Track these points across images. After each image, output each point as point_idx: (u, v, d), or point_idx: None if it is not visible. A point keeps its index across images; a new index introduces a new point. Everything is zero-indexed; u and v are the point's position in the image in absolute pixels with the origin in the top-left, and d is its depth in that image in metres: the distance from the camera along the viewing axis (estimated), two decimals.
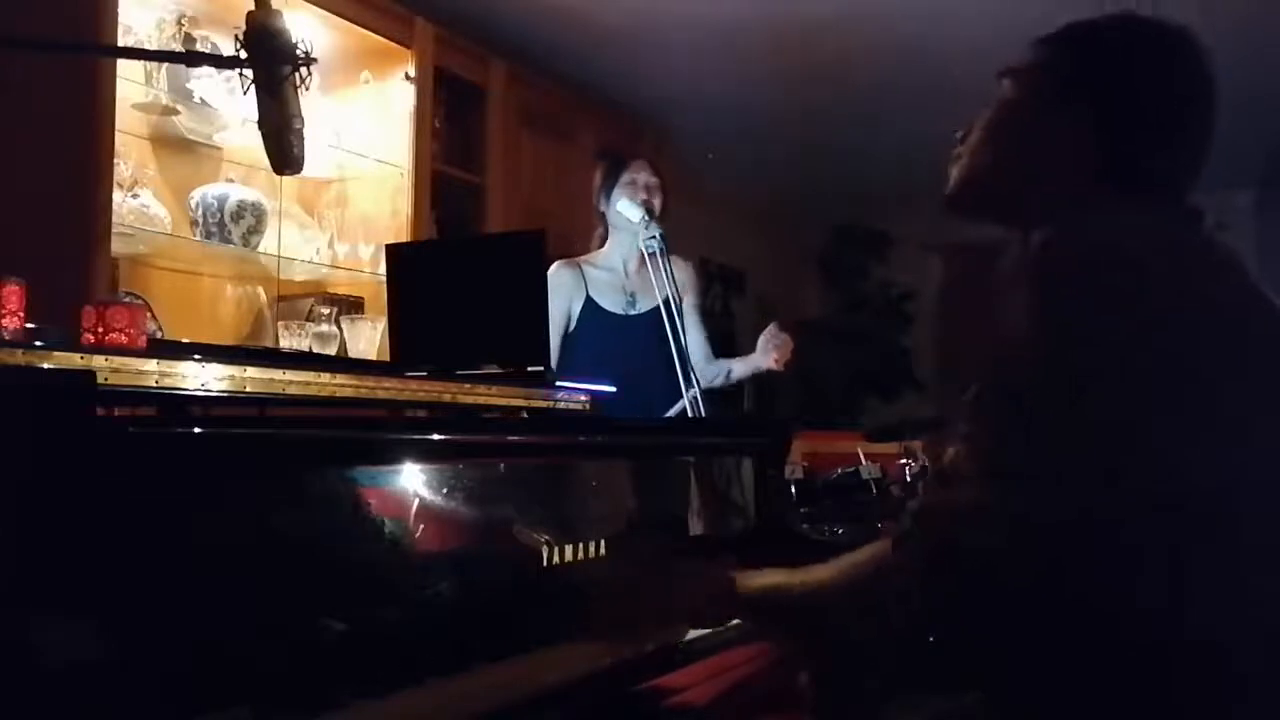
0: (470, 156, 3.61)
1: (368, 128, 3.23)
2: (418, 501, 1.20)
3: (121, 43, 2.48)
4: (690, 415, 2.44)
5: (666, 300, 2.54)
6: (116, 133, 2.47)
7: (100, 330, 1.27)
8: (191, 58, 2.05)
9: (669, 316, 2.51)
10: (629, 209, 2.66)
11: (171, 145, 2.87)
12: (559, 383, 1.80)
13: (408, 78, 3.25)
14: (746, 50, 4.00)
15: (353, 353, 3.04)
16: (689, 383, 2.44)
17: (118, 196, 2.52)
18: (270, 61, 1.25)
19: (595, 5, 3.64)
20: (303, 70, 1.27)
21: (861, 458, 2.73)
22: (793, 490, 2.47)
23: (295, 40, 1.26)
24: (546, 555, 1.35)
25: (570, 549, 1.38)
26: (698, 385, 2.44)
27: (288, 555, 1.05)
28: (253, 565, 1.00)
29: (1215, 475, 0.95)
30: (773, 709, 1.47)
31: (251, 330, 3.10)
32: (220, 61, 1.32)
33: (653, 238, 2.58)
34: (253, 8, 1.26)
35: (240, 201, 2.84)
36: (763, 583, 1.18)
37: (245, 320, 3.10)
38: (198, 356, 1.28)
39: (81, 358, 1.18)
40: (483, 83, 3.59)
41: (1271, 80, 4.15)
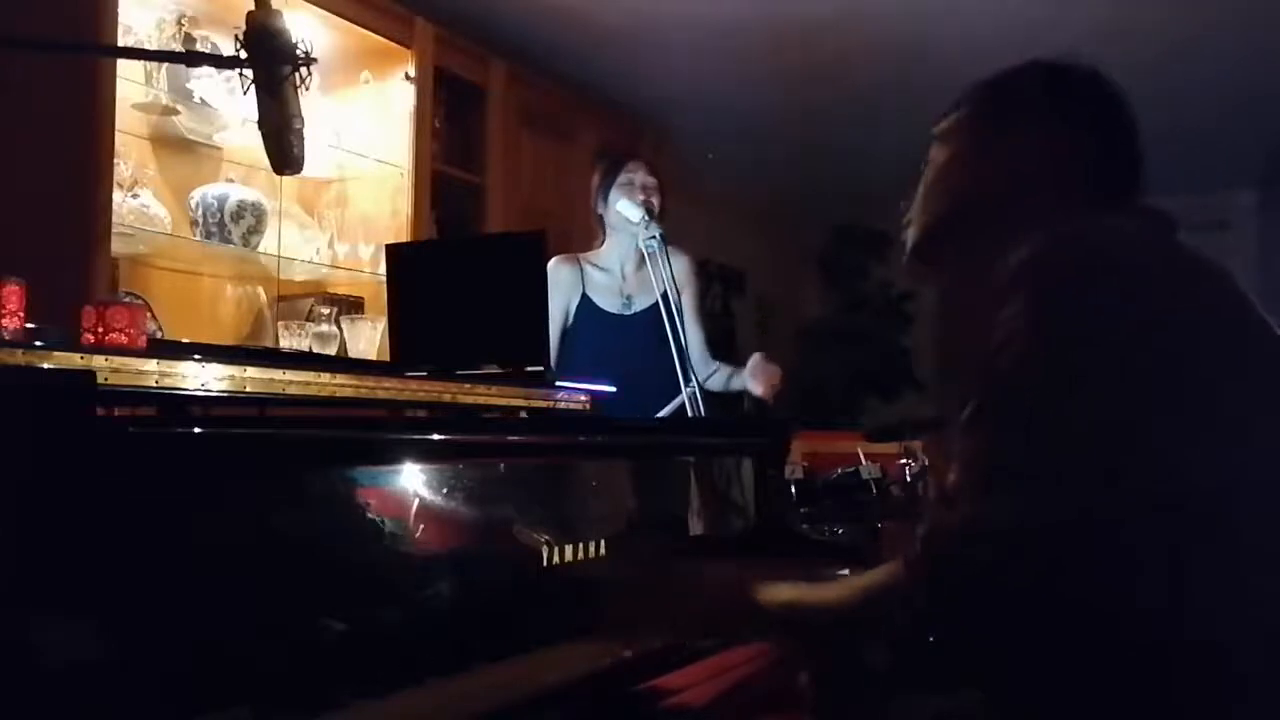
0: (470, 156, 3.60)
1: (368, 128, 3.23)
2: (418, 502, 1.20)
3: (121, 43, 2.48)
4: (689, 412, 2.43)
5: (664, 295, 2.53)
6: (116, 133, 2.47)
7: (100, 330, 1.27)
8: (191, 58, 2.06)
9: (667, 312, 2.49)
10: (629, 209, 2.65)
11: (171, 145, 2.87)
12: (559, 383, 1.80)
13: (408, 78, 3.25)
14: (746, 50, 4.00)
15: (353, 353, 3.04)
16: (687, 378, 2.42)
17: (118, 196, 2.52)
18: (270, 61, 1.25)
19: (595, 5, 3.64)
20: (303, 70, 1.27)
21: (861, 458, 2.72)
22: (793, 490, 2.47)
23: (295, 40, 1.27)
24: (546, 555, 1.36)
25: (570, 549, 1.39)
26: (696, 381, 2.42)
27: (288, 555, 1.05)
28: (253, 565, 1.00)
29: (1215, 475, 0.95)
30: (773, 709, 1.47)
31: (251, 330, 3.10)
32: (220, 61, 1.32)
33: (653, 238, 2.58)
34: (253, 8, 1.26)
35: (240, 201, 2.84)
36: (774, 599, 1.18)
37: (245, 320, 3.10)
38: (198, 356, 1.28)
39: (81, 358, 1.18)
40: (483, 83, 3.59)
41: (1271, 80, 4.15)
